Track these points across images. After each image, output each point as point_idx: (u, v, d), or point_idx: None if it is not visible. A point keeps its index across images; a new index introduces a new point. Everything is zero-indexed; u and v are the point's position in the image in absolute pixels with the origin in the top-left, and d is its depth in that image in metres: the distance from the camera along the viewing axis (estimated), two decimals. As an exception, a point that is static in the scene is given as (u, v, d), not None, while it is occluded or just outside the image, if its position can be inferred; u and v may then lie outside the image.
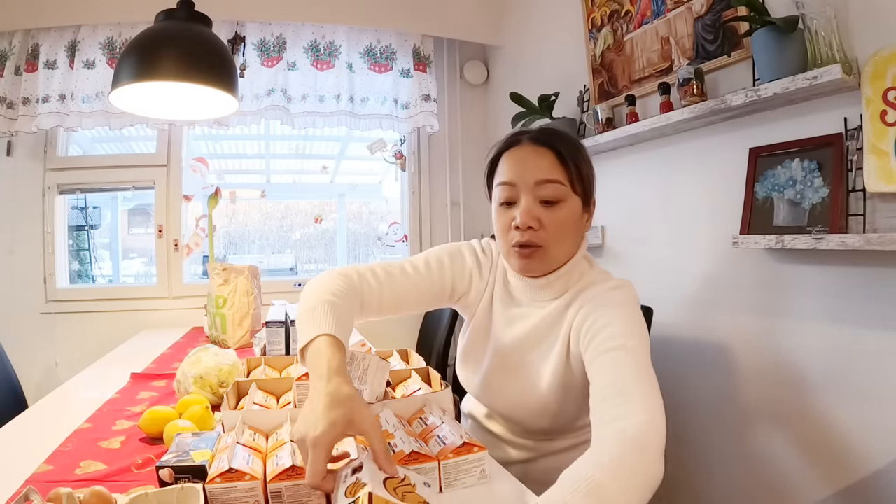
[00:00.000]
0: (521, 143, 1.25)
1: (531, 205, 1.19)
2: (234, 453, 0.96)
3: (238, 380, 1.38)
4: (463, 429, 1.11)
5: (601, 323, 1.12)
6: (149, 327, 3.15)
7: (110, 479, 1.09)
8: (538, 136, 1.24)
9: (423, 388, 1.34)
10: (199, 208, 3.48)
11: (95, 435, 1.38)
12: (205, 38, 1.72)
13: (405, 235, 3.72)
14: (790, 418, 1.70)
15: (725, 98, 1.69)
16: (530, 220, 1.18)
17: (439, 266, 1.34)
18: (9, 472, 1.14)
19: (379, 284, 1.25)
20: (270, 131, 3.87)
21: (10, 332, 2.62)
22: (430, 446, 1.07)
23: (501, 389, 1.34)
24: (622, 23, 2.28)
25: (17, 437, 1.42)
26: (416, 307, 1.33)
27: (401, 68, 3.37)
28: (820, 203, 1.53)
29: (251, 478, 0.91)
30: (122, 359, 2.32)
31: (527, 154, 1.23)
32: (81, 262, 4.02)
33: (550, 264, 1.24)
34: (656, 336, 2.01)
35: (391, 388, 1.41)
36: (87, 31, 3.06)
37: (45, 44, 3.03)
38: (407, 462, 0.99)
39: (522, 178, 1.21)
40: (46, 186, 3.22)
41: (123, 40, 3.07)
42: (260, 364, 1.59)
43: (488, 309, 1.37)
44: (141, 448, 1.29)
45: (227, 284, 2.58)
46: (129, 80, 1.63)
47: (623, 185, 2.35)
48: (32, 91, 3.01)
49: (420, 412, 1.23)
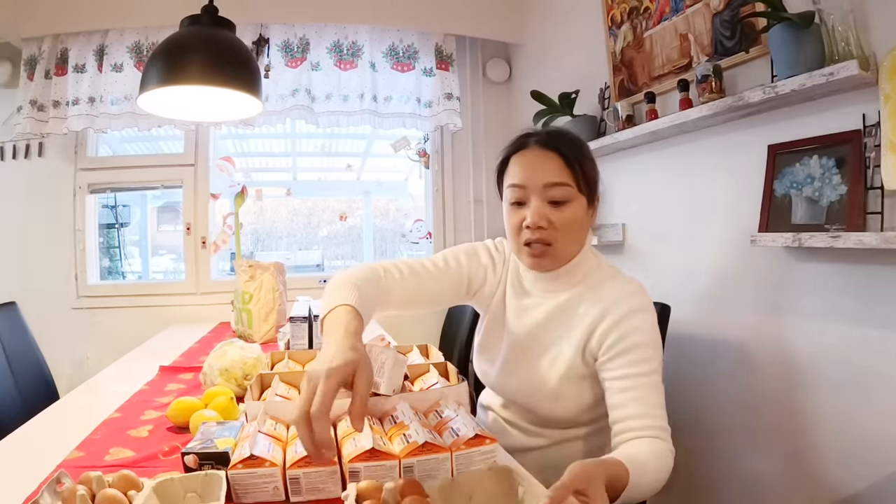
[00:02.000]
0: (529, 145, 1.33)
1: (541, 206, 1.27)
2: (256, 441, 1.00)
3: (262, 372, 1.42)
4: (476, 422, 1.14)
5: (629, 343, 1.22)
6: (177, 322, 3.24)
7: (138, 465, 1.15)
8: (544, 140, 1.31)
9: (441, 382, 1.39)
10: (226, 206, 3.56)
11: (124, 424, 1.44)
12: (229, 42, 1.77)
13: (429, 232, 3.76)
14: (805, 417, 1.69)
15: (743, 95, 1.68)
16: (541, 220, 1.26)
17: (457, 263, 1.43)
18: (42, 457, 1.20)
19: (402, 279, 1.33)
20: (296, 130, 3.92)
21: (42, 327, 2.70)
22: (444, 437, 1.10)
23: (516, 379, 1.40)
24: (641, 19, 2.28)
25: (49, 425, 1.49)
26: (436, 301, 1.42)
27: (423, 67, 3.41)
28: (838, 201, 1.52)
29: (271, 464, 0.96)
30: (151, 352, 2.40)
31: (535, 157, 1.30)
32: (112, 258, 4.12)
33: (560, 261, 1.32)
34: (674, 333, 2.01)
35: (409, 381, 1.44)
36: (114, 36, 3.16)
37: (73, 48, 3.13)
38: (420, 453, 1.02)
39: (532, 180, 1.28)
40: (77, 186, 3.32)
41: (150, 44, 3.15)
42: (283, 358, 1.64)
43: (502, 302, 1.45)
44: (168, 437, 1.35)
45: (253, 281, 2.64)
46: (157, 84, 1.68)
47: (643, 182, 2.36)
48: (62, 94, 3.11)
49: (436, 405, 1.26)
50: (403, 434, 1.08)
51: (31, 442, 1.36)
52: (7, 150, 3.29)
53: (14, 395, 2.26)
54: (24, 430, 1.43)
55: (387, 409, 1.23)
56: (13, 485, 1.07)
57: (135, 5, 3.06)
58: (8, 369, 2.31)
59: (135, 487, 0.93)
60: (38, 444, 1.34)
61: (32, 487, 1.04)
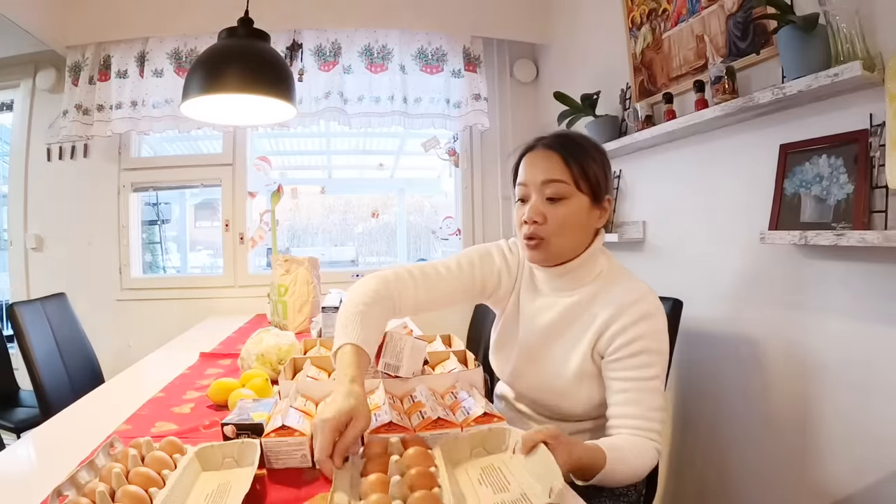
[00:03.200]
0: (536, 147, 1.40)
1: (537, 202, 1.34)
2: (288, 414, 1.12)
3: (294, 356, 1.54)
4: (486, 402, 1.24)
5: (636, 347, 1.28)
6: (215, 314, 3.40)
7: (181, 436, 1.26)
8: (549, 141, 1.39)
9: (459, 368, 1.48)
10: (262, 204, 3.71)
11: (168, 402, 1.57)
12: (264, 53, 1.91)
13: (458, 229, 3.85)
14: (815, 413, 1.71)
15: (754, 96, 1.72)
16: (535, 214, 1.34)
17: (470, 266, 1.49)
18: (94, 429, 1.33)
19: (415, 284, 1.41)
20: (330, 129, 4.05)
21: (88, 318, 2.87)
22: (457, 416, 1.20)
23: (529, 375, 1.47)
24: (660, 21, 2.34)
25: (98, 404, 1.63)
26: (450, 302, 1.48)
27: (452, 69, 3.50)
28: (845, 199, 1.54)
29: (300, 434, 1.07)
30: (191, 341, 2.54)
31: (538, 157, 1.38)
32: (153, 253, 4.29)
33: (556, 255, 1.38)
34: (688, 328, 2.06)
35: (430, 366, 1.54)
36: (154, 43, 3.33)
37: (115, 55, 3.32)
38: (434, 427, 1.12)
39: (532, 178, 1.36)
40: (121, 185, 3.51)
41: (188, 50, 3.33)
42: (315, 345, 1.76)
43: (516, 303, 1.51)
44: (208, 413, 1.47)
45: (289, 274, 2.76)
46: (198, 93, 1.83)
47: (662, 181, 2.41)
48: (106, 98, 3.30)
49: (452, 388, 1.37)
50: (420, 411, 1.18)
51: (81, 417, 1.50)
52: (54, 151, 3.51)
53: (63, 378, 2.42)
54: (74, 407, 1.57)
55: (406, 389, 1.34)
56: (69, 450, 1.20)
57: (174, 14, 3.24)
58: (58, 354, 2.47)
59: (179, 452, 1.05)
60: (88, 419, 1.48)
61: (85, 454, 1.16)
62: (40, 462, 1.24)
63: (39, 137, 3.52)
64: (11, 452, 1.27)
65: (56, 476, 0.96)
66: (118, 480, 0.90)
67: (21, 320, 2.34)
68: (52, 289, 2.79)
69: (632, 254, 2.59)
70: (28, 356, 2.29)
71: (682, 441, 2.29)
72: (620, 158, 2.69)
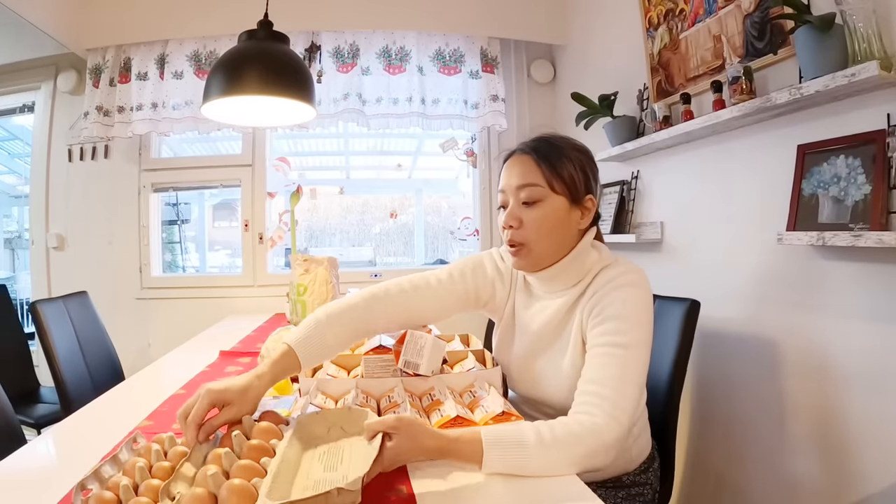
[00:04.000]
0: (515, 153, 1.41)
1: (514, 206, 1.35)
2: (307, 411, 1.13)
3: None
4: (504, 401, 1.25)
5: (608, 313, 1.25)
6: (234, 313, 3.44)
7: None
8: (524, 146, 1.40)
9: (477, 368, 1.50)
10: (281, 204, 3.75)
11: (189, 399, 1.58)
12: (283, 55, 1.93)
13: (476, 230, 3.86)
14: (834, 415, 1.70)
15: (771, 96, 1.72)
16: (511, 219, 1.35)
17: (462, 277, 1.49)
18: (114, 425, 1.36)
19: (405, 298, 1.40)
20: (348, 130, 4.08)
21: (108, 316, 2.92)
22: (476, 414, 1.21)
23: (529, 378, 1.46)
24: (677, 21, 2.34)
25: (119, 400, 1.66)
26: (445, 312, 1.48)
27: (469, 70, 3.52)
28: (862, 200, 1.53)
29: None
30: (211, 340, 2.57)
31: (514, 162, 1.39)
32: (172, 253, 4.34)
33: (538, 259, 1.38)
34: (706, 329, 2.07)
35: (449, 366, 1.55)
36: (174, 46, 3.38)
37: (136, 57, 3.37)
38: (451, 425, 1.14)
39: (508, 183, 1.37)
40: (141, 185, 3.58)
41: (208, 52, 3.38)
42: (334, 343, 1.77)
43: (512, 310, 1.52)
44: (230, 410, 1.48)
45: (308, 274, 2.78)
46: (218, 95, 1.86)
47: (680, 181, 2.41)
48: (126, 100, 3.35)
49: (471, 386, 1.39)
50: (439, 409, 1.20)
51: (103, 413, 1.53)
52: (75, 152, 3.58)
53: (85, 375, 2.47)
54: (95, 403, 1.60)
55: (425, 388, 1.36)
56: (90, 446, 1.22)
57: (193, 17, 3.29)
58: (79, 351, 2.51)
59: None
60: (108, 416, 1.50)
61: (106, 449, 1.19)
62: (60, 457, 1.27)
63: (60, 138, 3.59)
64: (32, 447, 1.30)
65: (76, 471, 0.99)
66: (141, 474, 0.92)
67: (43, 318, 2.38)
68: (73, 288, 2.84)
69: (650, 254, 2.59)
70: (50, 353, 2.32)
71: (699, 442, 2.29)
72: (638, 159, 2.69)
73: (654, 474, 1.52)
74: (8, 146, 5.57)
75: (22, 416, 2.58)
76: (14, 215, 6.15)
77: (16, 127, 5.03)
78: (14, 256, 5.87)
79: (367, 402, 1.27)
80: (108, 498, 0.85)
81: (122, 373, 2.79)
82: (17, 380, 2.95)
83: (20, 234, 5.85)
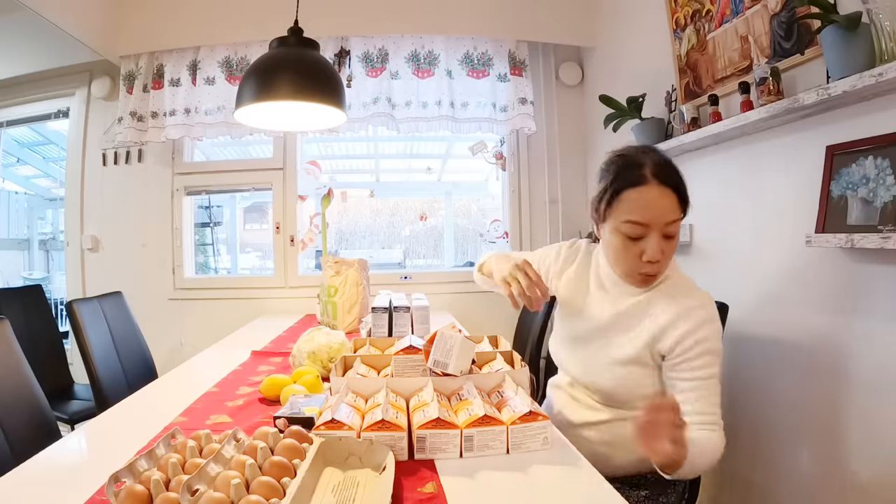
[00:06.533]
0: (648, 181, 1.37)
1: (660, 241, 1.38)
2: (338, 409, 1.17)
3: (345, 355, 1.59)
4: (532, 401, 1.27)
5: (704, 348, 1.37)
6: (265, 314, 3.51)
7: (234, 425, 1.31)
8: (661, 176, 1.38)
9: (506, 368, 1.51)
10: (312, 207, 3.82)
11: (222, 397, 1.65)
12: (314, 61, 1.98)
13: (506, 232, 3.88)
14: (863, 421, 1.69)
15: (798, 97, 1.70)
16: (659, 254, 1.38)
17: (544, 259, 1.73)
18: (147, 421, 1.41)
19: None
20: (378, 133, 4.13)
21: (142, 316, 2.99)
22: (503, 414, 1.24)
23: (583, 361, 1.55)
24: (704, 22, 2.33)
25: (153, 398, 1.72)
26: None
27: (498, 73, 3.54)
28: (891, 201, 1.51)
29: (349, 428, 1.11)
30: (242, 340, 2.63)
31: (656, 197, 1.37)
32: (205, 254, 4.43)
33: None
34: (734, 332, 2.05)
35: (477, 366, 1.58)
36: (205, 52, 3.47)
37: (168, 64, 3.47)
38: (479, 424, 1.17)
39: (655, 220, 1.37)
40: (175, 189, 3.67)
41: (239, 58, 3.45)
42: (365, 344, 1.82)
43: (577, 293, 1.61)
44: (261, 408, 1.54)
45: (339, 276, 2.83)
46: (251, 101, 1.91)
47: (709, 183, 2.39)
48: (159, 106, 3.45)
49: (499, 386, 1.41)
50: (467, 409, 1.23)
51: (136, 410, 1.58)
52: (109, 156, 3.68)
53: (119, 373, 2.53)
54: (130, 400, 1.66)
55: (454, 387, 1.38)
56: (123, 441, 1.28)
57: (224, 24, 3.37)
58: (114, 350, 2.58)
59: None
60: (146, 412, 1.56)
61: (139, 445, 1.24)
62: (93, 452, 1.31)
63: (95, 143, 3.71)
64: (65, 442, 1.35)
65: (108, 465, 1.03)
66: (174, 470, 0.95)
67: (79, 316, 2.44)
68: (107, 288, 2.91)
69: (679, 257, 2.53)
70: (85, 351, 2.39)
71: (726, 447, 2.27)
72: (665, 161, 2.68)
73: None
74: (43, 150, 5.72)
75: (57, 413, 2.65)
76: (49, 218, 6.32)
77: (51, 132, 5.18)
78: (49, 258, 6.01)
79: (397, 402, 1.30)
80: (139, 491, 0.89)
81: (156, 371, 2.86)
82: (52, 377, 3.04)
83: (55, 235, 6.00)
